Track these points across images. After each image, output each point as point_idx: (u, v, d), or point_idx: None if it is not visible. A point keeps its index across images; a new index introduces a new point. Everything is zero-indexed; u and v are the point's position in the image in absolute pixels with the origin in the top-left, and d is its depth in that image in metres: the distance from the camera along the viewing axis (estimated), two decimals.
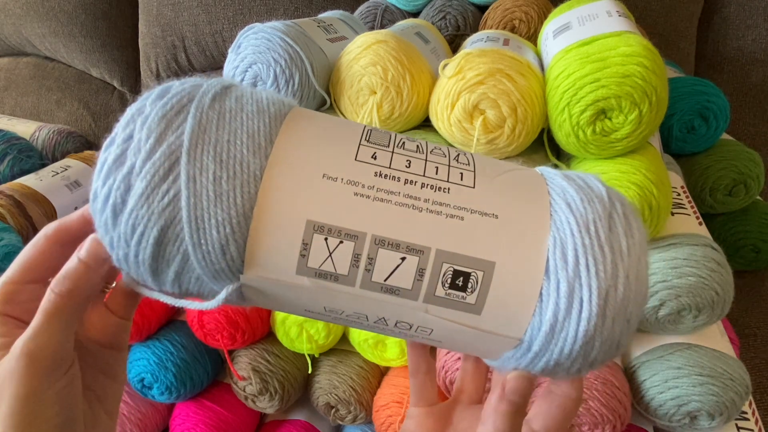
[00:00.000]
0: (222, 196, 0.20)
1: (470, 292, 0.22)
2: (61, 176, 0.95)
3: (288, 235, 0.21)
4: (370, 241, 0.21)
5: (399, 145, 0.23)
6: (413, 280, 0.21)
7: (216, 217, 0.20)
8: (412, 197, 0.21)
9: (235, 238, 0.21)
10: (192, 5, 1.06)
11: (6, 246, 0.74)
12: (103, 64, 1.16)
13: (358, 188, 0.21)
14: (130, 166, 0.20)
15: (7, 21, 1.16)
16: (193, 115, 0.21)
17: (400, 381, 0.56)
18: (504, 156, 0.50)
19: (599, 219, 0.22)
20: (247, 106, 0.22)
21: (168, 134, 0.21)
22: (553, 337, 0.22)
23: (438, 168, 0.23)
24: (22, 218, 0.83)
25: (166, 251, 0.21)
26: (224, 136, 0.21)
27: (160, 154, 0.20)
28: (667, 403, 0.46)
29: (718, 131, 0.68)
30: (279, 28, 0.50)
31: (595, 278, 0.21)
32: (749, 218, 0.71)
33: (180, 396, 0.57)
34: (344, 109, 0.54)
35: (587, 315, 0.21)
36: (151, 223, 0.20)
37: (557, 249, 0.21)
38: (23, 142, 0.99)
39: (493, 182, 0.23)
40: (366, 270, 0.21)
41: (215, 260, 0.21)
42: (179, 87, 0.22)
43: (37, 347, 0.23)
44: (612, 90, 0.43)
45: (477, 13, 0.78)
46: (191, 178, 0.20)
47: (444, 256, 0.21)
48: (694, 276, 0.44)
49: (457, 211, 0.22)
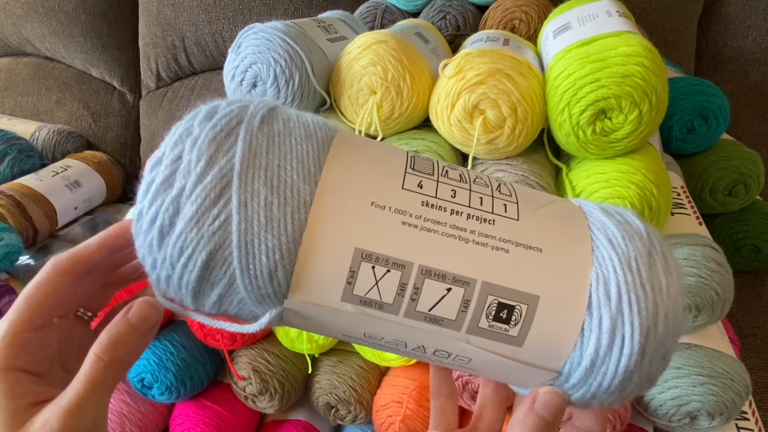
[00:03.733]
0: (273, 222, 0.20)
1: (513, 325, 0.22)
2: (61, 176, 0.95)
3: (336, 263, 0.21)
4: (417, 271, 0.21)
5: (443, 173, 0.23)
6: (458, 311, 0.21)
7: (266, 243, 0.20)
8: (458, 228, 0.21)
9: (284, 264, 0.21)
10: (192, 5, 1.06)
11: (6, 246, 0.74)
12: (103, 64, 1.16)
13: (405, 217, 0.21)
14: (180, 188, 0.20)
15: (7, 21, 1.16)
16: (243, 138, 0.21)
17: (400, 381, 0.56)
18: (504, 156, 0.50)
19: (640, 256, 0.22)
20: (296, 130, 0.22)
21: (219, 157, 0.20)
22: (593, 371, 0.22)
23: (482, 199, 0.23)
24: (22, 218, 0.83)
25: (212, 275, 0.21)
26: (274, 160, 0.21)
27: (212, 178, 0.20)
28: (667, 403, 0.46)
29: (718, 131, 0.68)
30: (279, 28, 0.50)
31: (637, 316, 0.21)
32: (749, 218, 0.71)
33: (180, 396, 0.57)
34: (344, 109, 0.54)
35: (629, 352, 0.21)
36: (200, 246, 0.20)
37: (600, 285, 0.21)
38: (23, 142, 0.99)
39: (535, 215, 0.23)
40: (411, 299, 0.21)
41: (262, 285, 0.21)
42: (227, 108, 0.22)
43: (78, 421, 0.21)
44: (612, 90, 0.43)
45: (477, 13, 0.78)
46: (242, 203, 0.20)
47: (489, 288, 0.21)
48: (694, 276, 0.44)
49: (503, 243, 0.22)
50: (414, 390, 0.54)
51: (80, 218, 0.98)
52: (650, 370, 0.22)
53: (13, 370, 0.22)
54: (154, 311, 0.22)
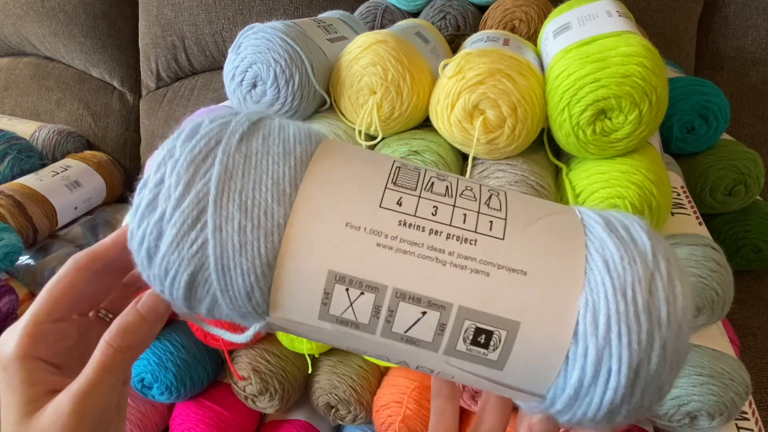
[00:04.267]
0: (246, 246, 0.21)
1: (492, 350, 0.21)
2: (61, 176, 0.95)
3: (310, 285, 0.21)
4: (391, 294, 0.21)
5: (427, 187, 0.23)
6: (434, 334, 0.21)
7: (241, 266, 0.21)
8: (436, 249, 0.21)
9: (260, 286, 0.21)
10: (192, 5, 1.06)
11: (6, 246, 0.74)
12: (103, 64, 1.16)
13: (381, 238, 0.21)
14: (161, 212, 0.21)
15: (7, 21, 1.16)
16: (220, 161, 0.21)
17: (400, 381, 0.56)
18: (504, 156, 0.50)
19: (638, 282, 0.20)
20: (274, 147, 0.22)
21: (196, 181, 0.21)
22: (576, 400, 0.21)
23: (466, 216, 0.22)
24: (22, 218, 0.83)
25: (197, 293, 0.22)
26: (249, 183, 0.21)
27: (189, 203, 0.21)
28: (667, 403, 0.46)
29: (718, 131, 0.68)
30: (279, 28, 0.50)
31: (627, 348, 0.20)
32: (749, 218, 0.71)
33: (180, 396, 0.57)
34: (344, 109, 0.54)
35: (614, 386, 0.20)
36: (182, 268, 0.21)
37: (589, 312, 0.20)
38: (23, 142, 0.99)
39: (524, 233, 0.22)
40: (386, 321, 0.21)
41: (242, 304, 0.22)
42: (208, 126, 0.22)
43: (89, 405, 0.22)
44: (612, 90, 0.43)
45: (477, 13, 0.78)
46: (217, 227, 0.21)
47: (466, 313, 0.21)
48: (694, 276, 0.44)
49: (483, 266, 0.21)
50: (414, 390, 0.54)
51: (80, 218, 0.98)
52: (642, 403, 0.21)
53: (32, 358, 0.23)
54: (161, 302, 0.23)
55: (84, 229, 0.95)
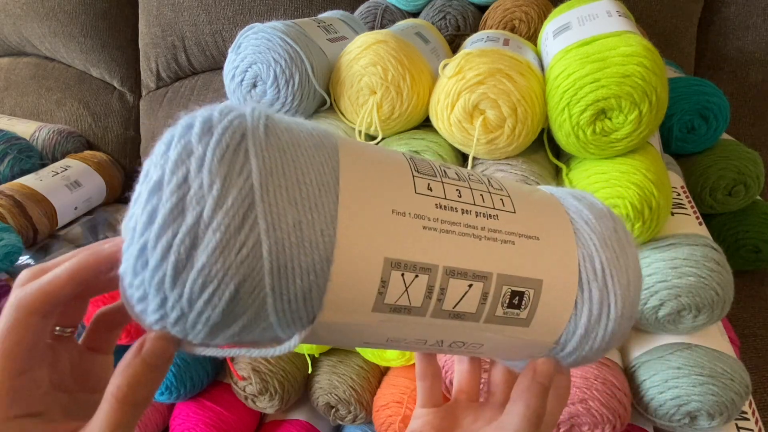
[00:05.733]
0: (304, 242, 0.19)
1: (524, 309, 0.24)
2: (61, 176, 0.95)
3: (367, 275, 0.20)
4: (443, 273, 0.22)
5: (443, 174, 0.24)
6: (478, 304, 0.23)
7: (300, 265, 0.19)
8: (471, 226, 0.23)
9: (318, 284, 0.20)
10: (192, 5, 1.06)
11: (6, 246, 0.74)
12: (103, 64, 1.16)
13: (425, 221, 0.22)
14: (196, 216, 0.18)
15: (7, 21, 1.16)
16: (255, 154, 0.19)
17: (400, 381, 0.56)
18: (504, 156, 0.50)
19: (611, 234, 0.25)
20: (303, 140, 0.21)
21: (234, 177, 0.18)
22: (586, 338, 0.25)
23: (483, 196, 0.24)
24: (22, 218, 0.83)
25: (237, 306, 0.19)
26: (293, 176, 0.19)
27: (233, 202, 0.18)
28: (667, 403, 0.46)
29: (718, 131, 0.68)
30: (279, 28, 0.50)
31: (618, 285, 0.24)
32: (749, 218, 0.71)
33: (180, 396, 0.57)
34: (344, 109, 0.54)
35: (615, 316, 0.24)
36: (228, 278, 0.18)
37: (587, 263, 0.25)
38: (23, 142, 0.99)
39: (526, 205, 0.25)
40: (438, 300, 0.22)
41: (295, 308, 0.20)
42: (224, 120, 0.20)
43: None
44: (612, 90, 0.43)
45: (477, 13, 0.78)
46: (271, 225, 0.18)
47: (504, 279, 0.23)
48: (694, 276, 0.44)
49: (509, 236, 0.24)
50: (414, 390, 0.54)
51: (80, 218, 0.98)
52: (626, 328, 0.25)
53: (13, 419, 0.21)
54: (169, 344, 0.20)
55: (84, 229, 0.95)
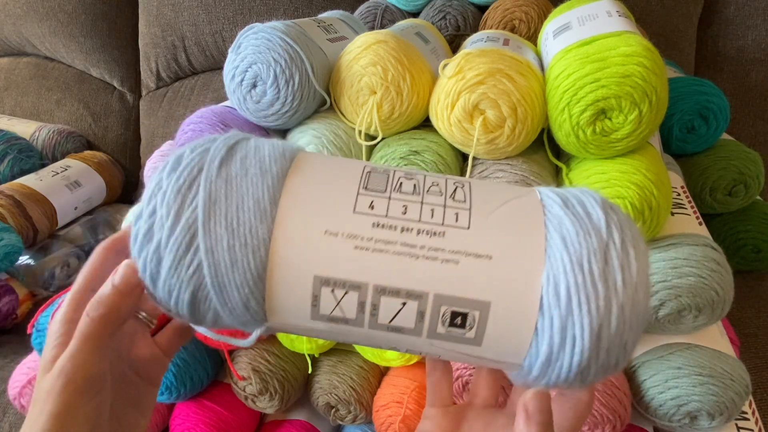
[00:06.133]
0: (237, 263, 0.23)
1: (469, 329, 0.23)
2: (61, 176, 0.95)
3: (299, 290, 0.23)
4: (373, 290, 0.23)
5: (396, 188, 0.25)
6: (415, 321, 0.23)
7: (235, 281, 0.23)
8: (408, 245, 0.23)
9: (254, 296, 0.23)
10: (192, 5, 1.06)
11: (6, 246, 0.74)
12: (103, 64, 1.16)
13: (357, 241, 0.23)
14: (158, 241, 0.23)
15: (7, 21, 1.16)
16: (204, 188, 0.23)
17: (400, 381, 0.56)
18: (504, 156, 0.50)
19: (593, 254, 0.22)
20: (251, 168, 0.24)
21: (184, 209, 0.23)
22: (549, 365, 0.23)
23: (434, 210, 0.24)
24: (22, 218, 0.83)
25: (199, 309, 0.24)
26: (233, 205, 0.23)
27: (180, 230, 0.23)
28: (667, 403, 0.46)
29: (718, 131, 0.68)
30: (279, 28, 0.50)
31: (587, 316, 0.22)
32: (749, 218, 0.71)
33: (180, 396, 0.57)
34: (344, 109, 0.54)
35: (580, 349, 0.22)
36: (183, 289, 0.23)
37: (551, 286, 0.22)
38: (23, 142, 0.99)
39: (488, 219, 0.24)
40: (371, 315, 0.23)
41: (241, 314, 0.24)
42: (189, 156, 0.24)
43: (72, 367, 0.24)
44: (612, 90, 0.43)
45: (477, 13, 0.78)
46: (209, 249, 0.23)
47: (441, 299, 0.23)
48: (694, 276, 0.44)
49: (452, 255, 0.23)
50: (414, 390, 0.54)
51: (80, 218, 0.98)
52: (609, 360, 0.23)
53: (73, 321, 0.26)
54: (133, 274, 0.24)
55: (84, 229, 0.95)
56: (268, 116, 0.52)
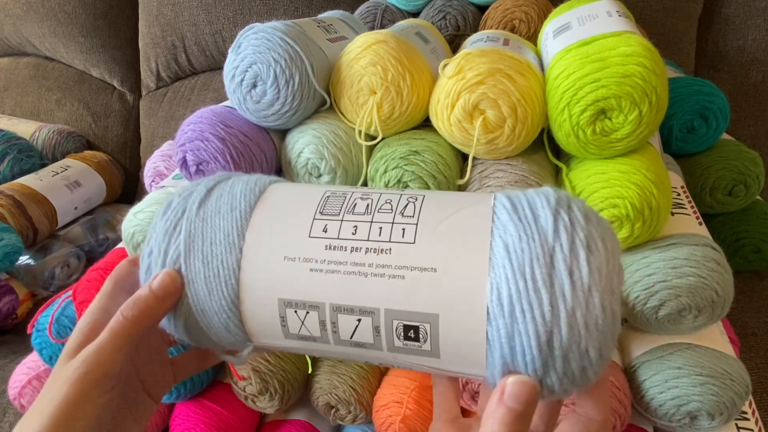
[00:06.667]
0: (213, 292, 0.26)
1: (423, 341, 0.24)
2: (61, 176, 0.95)
3: (268, 313, 0.26)
4: (330, 309, 0.24)
5: (350, 210, 0.26)
6: (373, 336, 0.24)
7: (213, 308, 0.26)
8: (357, 264, 0.24)
9: (232, 321, 0.26)
10: (192, 5, 1.06)
11: (6, 246, 0.74)
12: (103, 64, 1.16)
13: (312, 264, 0.25)
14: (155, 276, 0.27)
15: (7, 21, 1.16)
16: (185, 228, 0.27)
17: (400, 381, 0.56)
18: (504, 156, 0.50)
19: (536, 259, 0.21)
20: (223, 206, 0.27)
21: (170, 247, 0.27)
22: (510, 374, 0.22)
23: (381, 228, 0.25)
24: (22, 218, 0.83)
25: (194, 334, 0.28)
26: (207, 240, 0.27)
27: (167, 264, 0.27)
28: (667, 403, 0.46)
29: (718, 131, 0.68)
30: (279, 28, 0.50)
31: (531, 323, 0.21)
32: (749, 218, 0.71)
33: (180, 396, 0.57)
34: (344, 109, 0.54)
35: (530, 358, 0.21)
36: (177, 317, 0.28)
37: (494, 295, 0.22)
38: (23, 142, 0.99)
39: (434, 233, 0.24)
40: (333, 332, 0.25)
41: (224, 337, 0.27)
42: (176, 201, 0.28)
43: (96, 359, 0.25)
44: (612, 90, 0.43)
45: (477, 13, 0.78)
46: (190, 281, 0.26)
47: (392, 314, 0.24)
48: (694, 276, 0.44)
49: (399, 270, 0.23)
50: (414, 390, 0.54)
51: (80, 218, 0.98)
52: (570, 368, 0.21)
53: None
54: (173, 284, 0.26)
55: (84, 229, 0.95)
56: (268, 116, 0.52)
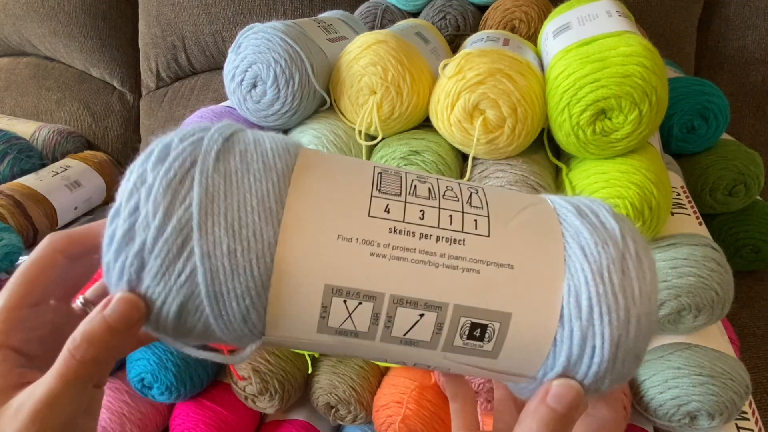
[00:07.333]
0: (238, 269, 0.20)
1: (487, 341, 0.22)
2: (61, 176, 0.95)
3: (307, 300, 0.21)
4: (389, 301, 0.21)
5: (411, 191, 0.23)
6: (432, 333, 0.22)
7: (235, 291, 0.20)
8: (428, 253, 0.21)
9: (256, 308, 0.21)
10: (192, 5, 1.06)
11: (6, 246, 0.74)
12: (103, 64, 1.16)
13: (373, 248, 0.21)
14: (141, 243, 0.20)
15: (7, 21, 1.16)
16: (199, 183, 0.20)
17: (400, 381, 0.56)
18: (504, 156, 0.50)
19: (613, 264, 0.22)
20: (253, 164, 0.21)
21: (176, 207, 0.20)
22: (566, 377, 0.22)
23: (452, 217, 0.22)
24: (22, 218, 0.83)
25: (186, 323, 0.21)
26: (233, 203, 0.20)
27: (171, 231, 0.20)
28: (667, 403, 0.46)
29: (718, 131, 0.68)
30: (279, 28, 0.50)
31: (608, 326, 0.21)
32: (749, 218, 0.71)
33: (180, 396, 0.57)
34: (344, 109, 0.54)
35: (599, 360, 0.21)
36: (170, 299, 0.20)
37: (572, 297, 0.21)
38: (23, 142, 0.99)
39: (507, 228, 0.23)
40: (386, 327, 0.22)
41: (237, 328, 0.21)
42: (179, 146, 0.21)
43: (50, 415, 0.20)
44: (612, 90, 0.43)
45: (477, 13, 0.78)
46: (205, 254, 0.20)
47: (461, 310, 0.21)
48: (694, 276, 0.44)
49: (473, 264, 0.21)
50: (414, 390, 0.54)
51: (80, 218, 0.98)
52: (623, 371, 0.22)
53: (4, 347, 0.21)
54: (133, 310, 0.20)
55: None
56: (268, 116, 0.52)
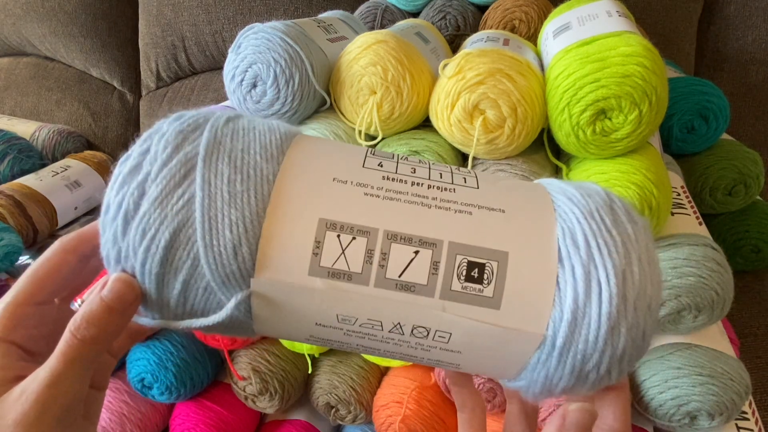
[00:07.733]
0: (236, 196, 0.21)
1: (487, 284, 0.21)
2: (61, 176, 0.95)
3: (301, 234, 0.21)
4: (383, 236, 0.21)
5: (402, 159, 0.25)
6: (428, 273, 0.21)
7: (230, 217, 0.21)
8: (420, 196, 0.22)
9: (248, 238, 0.21)
10: (192, 5, 1.06)
11: (6, 246, 0.74)
12: (103, 64, 1.16)
13: (367, 189, 0.22)
14: (146, 173, 0.21)
15: (7, 21, 1.16)
16: (209, 130, 0.22)
17: (400, 381, 0.56)
18: (504, 156, 0.50)
19: (601, 208, 0.22)
20: (259, 126, 0.23)
21: (185, 145, 0.22)
22: (576, 325, 0.21)
23: (442, 173, 0.24)
24: (22, 218, 0.83)
25: (175, 257, 0.21)
26: (238, 146, 0.22)
27: (177, 162, 0.21)
28: (667, 403, 0.46)
29: (718, 131, 0.68)
30: (279, 28, 0.50)
31: (609, 259, 0.21)
32: (749, 218, 0.71)
33: (180, 396, 0.57)
34: (344, 109, 0.54)
35: (608, 296, 0.21)
36: (164, 226, 0.20)
37: (567, 236, 0.22)
38: (23, 142, 0.99)
39: (495, 185, 0.24)
40: (380, 266, 0.21)
41: (226, 262, 0.21)
42: (194, 113, 0.23)
43: (53, 396, 0.21)
44: (612, 90, 0.43)
45: (477, 13, 0.78)
46: (206, 181, 0.21)
47: (457, 248, 0.21)
48: (694, 276, 0.44)
49: (465, 207, 0.22)
50: (414, 390, 0.54)
51: (80, 218, 0.98)
52: (637, 321, 0.21)
53: (7, 341, 0.22)
54: (129, 289, 0.21)
55: None
56: (268, 116, 0.52)
